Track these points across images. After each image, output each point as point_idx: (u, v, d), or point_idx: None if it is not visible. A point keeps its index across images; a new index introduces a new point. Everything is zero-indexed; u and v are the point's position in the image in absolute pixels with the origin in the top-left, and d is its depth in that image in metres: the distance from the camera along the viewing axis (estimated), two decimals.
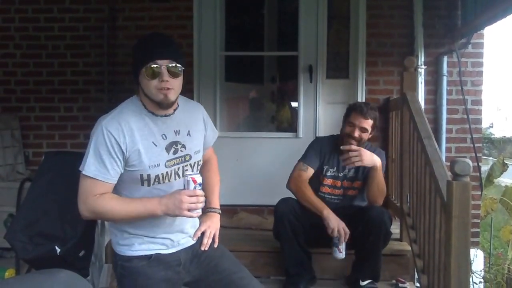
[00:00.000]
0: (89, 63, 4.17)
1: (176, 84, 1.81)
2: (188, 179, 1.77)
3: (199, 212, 1.80)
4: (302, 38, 4.07)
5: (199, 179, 1.78)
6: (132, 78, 1.88)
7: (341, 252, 2.73)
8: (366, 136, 2.86)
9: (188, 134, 1.93)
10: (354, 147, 2.73)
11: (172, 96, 1.80)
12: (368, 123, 2.84)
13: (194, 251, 1.97)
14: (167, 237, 1.90)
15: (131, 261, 1.87)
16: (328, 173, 2.96)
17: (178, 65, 1.79)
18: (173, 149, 1.86)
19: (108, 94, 4.08)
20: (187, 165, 1.90)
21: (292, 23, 4.29)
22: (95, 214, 1.81)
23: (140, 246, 1.87)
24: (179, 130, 1.90)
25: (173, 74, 1.77)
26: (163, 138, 1.85)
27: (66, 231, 2.31)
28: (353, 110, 2.89)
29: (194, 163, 1.93)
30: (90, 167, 1.74)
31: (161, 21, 4.08)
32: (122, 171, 1.79)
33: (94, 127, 1.80)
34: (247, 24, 4.85)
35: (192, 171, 1.92)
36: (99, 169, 1.74)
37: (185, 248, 1.95)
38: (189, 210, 1.75)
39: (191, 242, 1.98)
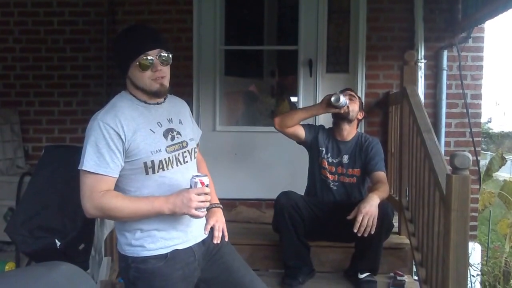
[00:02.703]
0: (89, 57, 4.17)
1: (168, 71, 1.85)
2: (196, 180, 1.77)
3: (205, 212, 1.81)
4: (302, 32, 4.07)
5: (206, 180, 1.79)
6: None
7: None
8: (355, 106, 2.94)
9: (180, 122, 1.94)
10: (358, 217, 2.52)
11: (166, 83, 1.84)
12: (352, 94, 2.99)
13: (206, 245, 1.95)
14: (181, 229, 1.87)
15: (146, 263, 1.81)
16: (325, 157, 3.00)
17: (168, 52, 1.82)
18: (170, 136, 1.86)
19: (107, 88, 4.08)
20: (185, 152, 1.91)
21: (292, 17, 4.29)
22: (101, 212, 1.77)
23: (156, 245, 1.83)
24: (171, 119, 1.91)
25: (164, 62, 1.81)
26: (158, 125, 1.85)
27: (66, 224, 2.33)
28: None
29: (191, 149, 1.94)
30: (89, 162, 1.72)
31: (160, 15, 4.08)
32: (123, 164, 1.78)
33: (89, 124, 1.78)
34: (247, 18, 4.84)
35: (191, 158, 1.93)
36: (98, 163, 1.72)
37: (198, 243, 1.92)
38: (196, 209, 1.75)
39: (203, 236, 1.96)
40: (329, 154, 3.00)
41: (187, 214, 1.76)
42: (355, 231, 2.51)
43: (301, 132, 2.99)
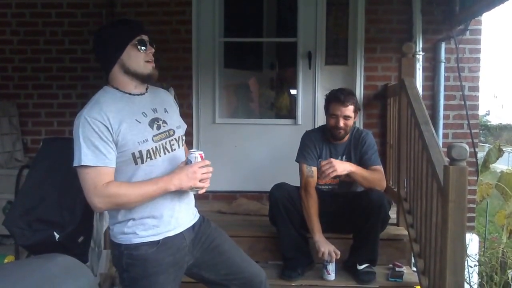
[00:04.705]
0: (88, 49, 4.13)
1: None
2: (195, 155, 1.86)
3: (208, 183, 1.89)
4: (301, 24, 4.06)
5: (203, 155, 1.88)
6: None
7: (329, 274, 2.78)
8: (351, 122, 2.89)
9: (165, 111, 1.98)
10: (323, 161, 2.73)
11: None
12: (349, 110, 2.85)
13: (195, 231, 2.00)
14: (171, 216, 1.91)
15: (139, 249, 1.86)
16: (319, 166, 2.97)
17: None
18: (156, 125, 1.90)
19: (106, 81, 4.05)
20: (173, 140, 1.94)
21: (291, 9, 4.27)
22: (110, 203, 1.79)
23: (147, 232, 1.87)
24: (155, 108, 1.94)
25: (152, 46, 1.90)
26: (143, 115, 1.88)
27: (65, 217, 2.32)
28: (331, 102, 2.90)
29: (179, 137, 1.98)
30: (87, 156, 1.73)
31: (159, 7, 4.06)
32: (116, 154, 1.80)
33: (76, 122, 1.79)
34: (246, 10, 4.82)
35: (179, 146, 1.97)
36: (95, 156, 1.74)
37: (187, 229, 1.97)
38: (200, 180, 1.83)
39: (193, 221, 2.02)
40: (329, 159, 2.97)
41: (193, 187, 1.84)
42: None
43: (316, 173, 2.92)
